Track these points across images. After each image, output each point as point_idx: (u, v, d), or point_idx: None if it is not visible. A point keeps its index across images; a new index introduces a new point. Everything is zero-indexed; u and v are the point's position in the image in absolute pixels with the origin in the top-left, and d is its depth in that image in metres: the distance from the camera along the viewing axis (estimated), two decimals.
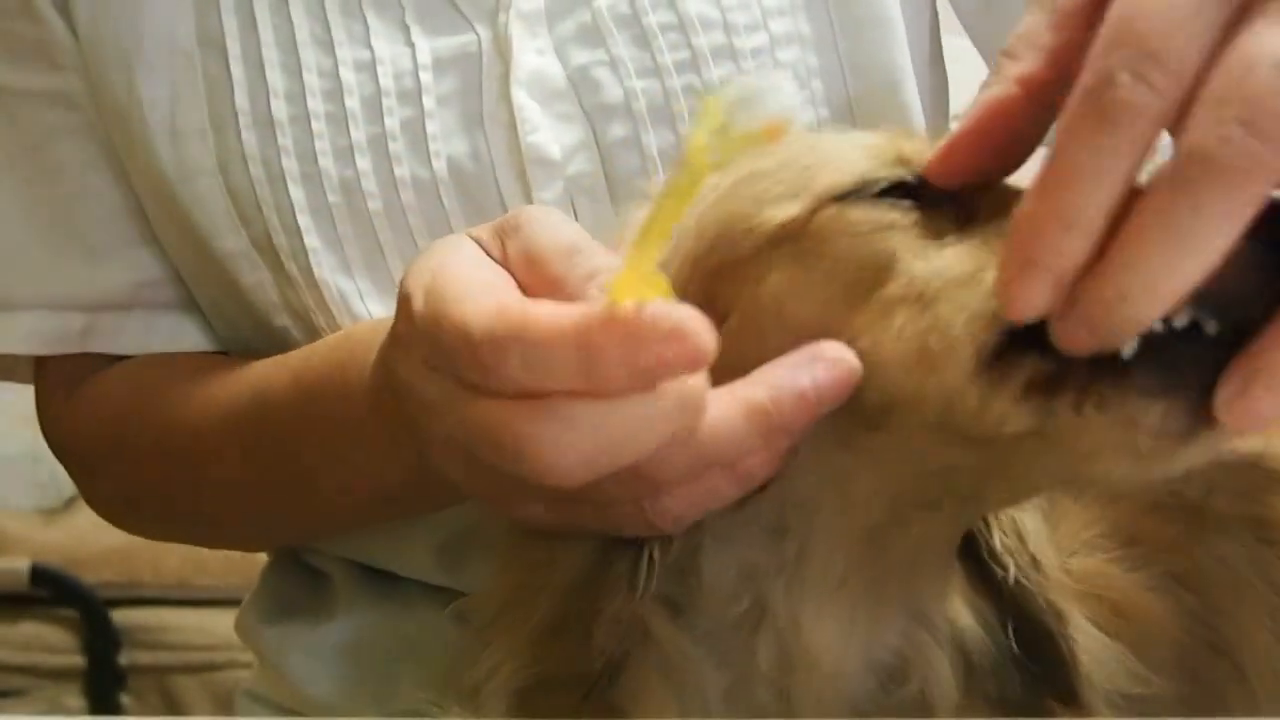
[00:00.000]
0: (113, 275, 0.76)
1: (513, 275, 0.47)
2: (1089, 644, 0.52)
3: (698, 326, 0.38)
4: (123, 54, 0.71)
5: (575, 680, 0.48)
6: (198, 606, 1.91)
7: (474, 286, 0.44)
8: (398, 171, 0.69)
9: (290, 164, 0.69)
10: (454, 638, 0.57)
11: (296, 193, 0.69)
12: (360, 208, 0.69)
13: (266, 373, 0.69)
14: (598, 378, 0.39)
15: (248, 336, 0.75)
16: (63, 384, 0.78)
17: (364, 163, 0.69)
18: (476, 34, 0.70)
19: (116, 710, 1.87)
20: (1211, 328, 0.38)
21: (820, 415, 0.43)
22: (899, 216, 0.47)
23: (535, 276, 0.46)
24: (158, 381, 0.75)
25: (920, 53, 0.77)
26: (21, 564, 1.86)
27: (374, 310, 0.70)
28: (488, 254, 0.48)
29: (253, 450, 0.69)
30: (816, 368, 0.43)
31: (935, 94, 0.81)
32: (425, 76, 0.69)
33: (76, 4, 0.72)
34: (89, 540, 1.94)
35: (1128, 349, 0.38)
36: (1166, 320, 0.38)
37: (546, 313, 0.40)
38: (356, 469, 0.63)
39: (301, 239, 0.69)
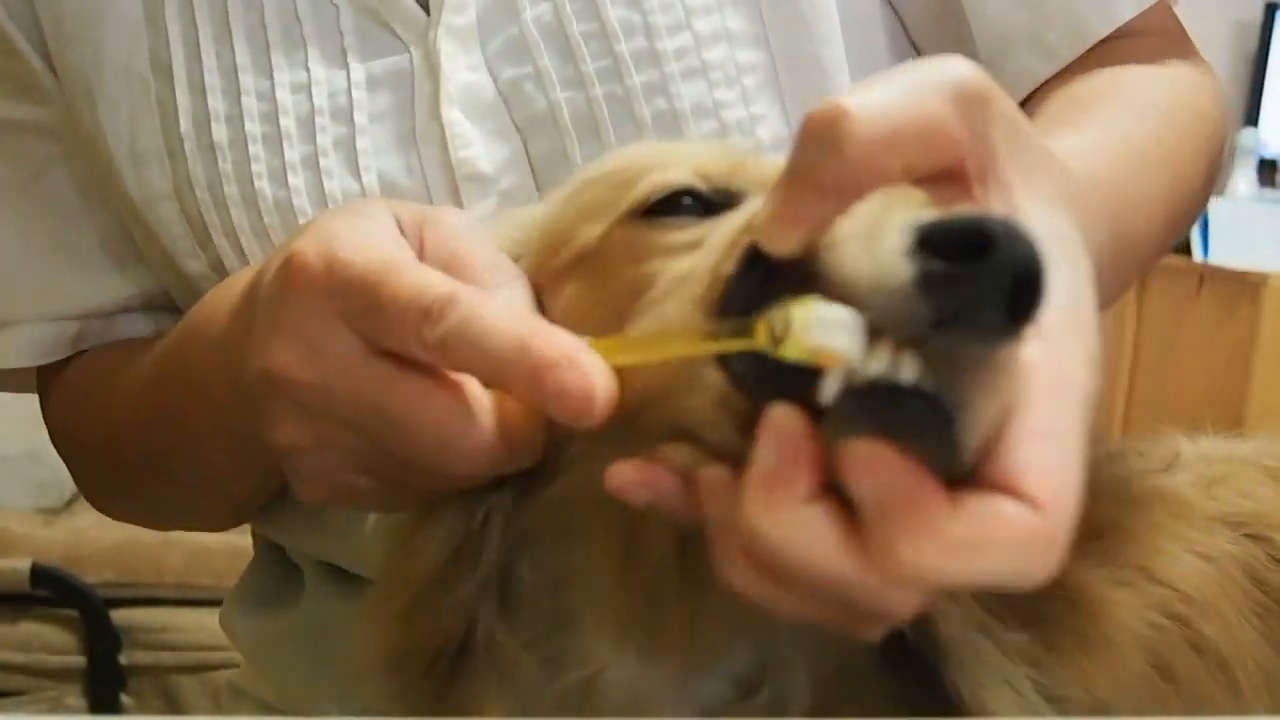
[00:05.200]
0: (109, 290, 0.78)
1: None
2: (968, 643, 0.50)
3: (603, 390, 0.43)
4: (85, 82, 0.72)
5: (425, 657, 0.49)
6: (198, 606, 1.91)
7: (414, 260, 0.48)
8: (328, 186, 0.69)
9: (231, 189, 0.70)
10: None
11: (239, 216, 0.70)
12: (294, 226, 0.69)
13: (164, 339, 0.71)
14: (512, 379, 0.44)
15: None
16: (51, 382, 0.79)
17: (296, 180, 0.69)
18: (410, 53, 0.71)
19: (116, 710, 1.87)
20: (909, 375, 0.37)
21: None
22: (676, 237, 0.47)
23: (453, 275, 0.48)
24: (107, 365, 0.77)
25: (879, 58, 0.77)
26: (22, 564, 1.87)
27: None
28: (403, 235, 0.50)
29: (146, 418, 0.70)
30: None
31: None
32: (358, 94, 0.70)
33: (47, 36, 0.73)
34: (89, 540, 1.95)
35: (828, 395, 0.37)
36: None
37: (500, 305, 0.45)
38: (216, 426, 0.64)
39: (248, 262, 0.70)
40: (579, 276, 0.50)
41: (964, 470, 0.37)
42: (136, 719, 1.84)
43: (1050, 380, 0.38)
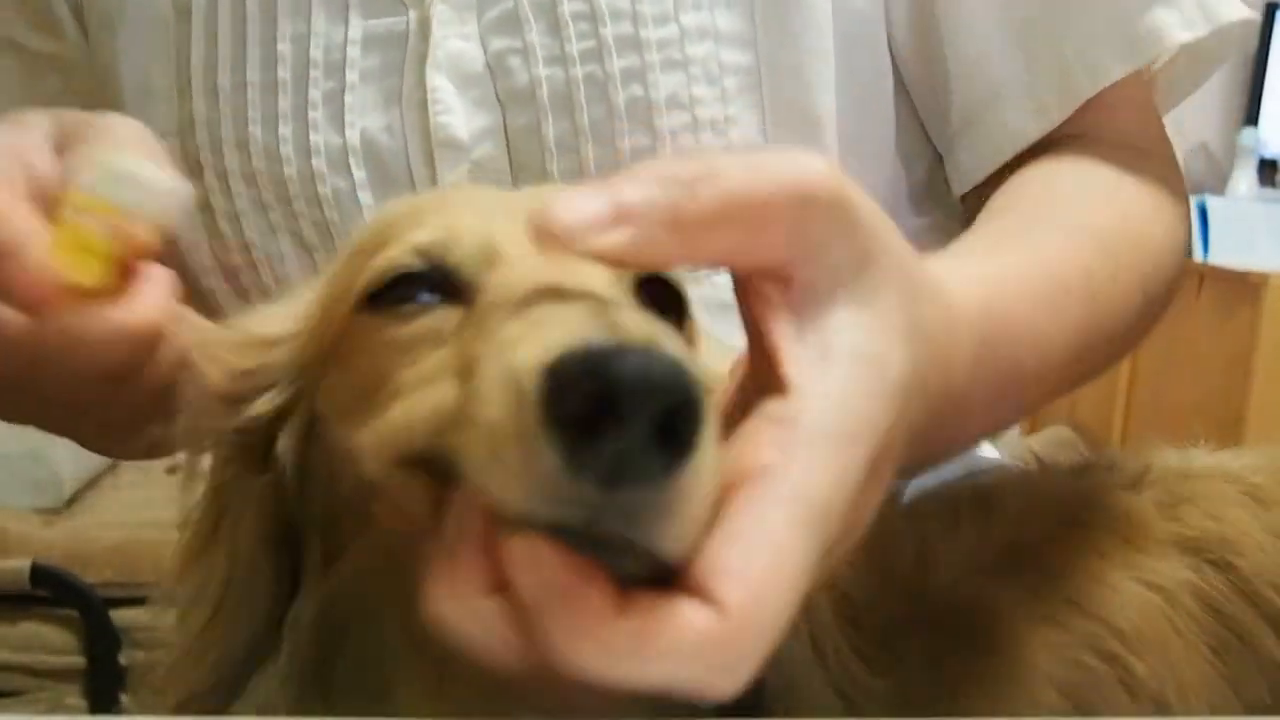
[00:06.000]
0: None
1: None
2: (808, 691, 0.49)
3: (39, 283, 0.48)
4: (108, 18, 0.77)
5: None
6: None
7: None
8: (313, 138, 0.72)
9: (227, 131, 0.74)
10: None
11: (230, 158, 0.74)
12: (279, 174, 0.73)
13: None
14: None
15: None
16: None
17: (285, 129, 0.73)
18: (408, 15, 0.73)
19: (116, 710, 1.88)
20: None
21: None
22: (404, 330, 0.46)
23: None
24: None
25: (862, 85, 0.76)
26: (22, 564, 1.87)
27: (293, 273, 0.75)
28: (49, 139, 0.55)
29: None
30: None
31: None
32: (352, 51, 0.73)
33: None
34: (89, 540, 1.95)
35: None
36: None
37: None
38: None
39: (234, 201, 0.74)
40: (335, 361, 0.49)
41: (668, 570, 0.35)
42: (136, 719, 1.85)
43: (779, 487, 0.37)
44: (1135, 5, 0.72)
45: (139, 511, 1.94)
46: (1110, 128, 0.74)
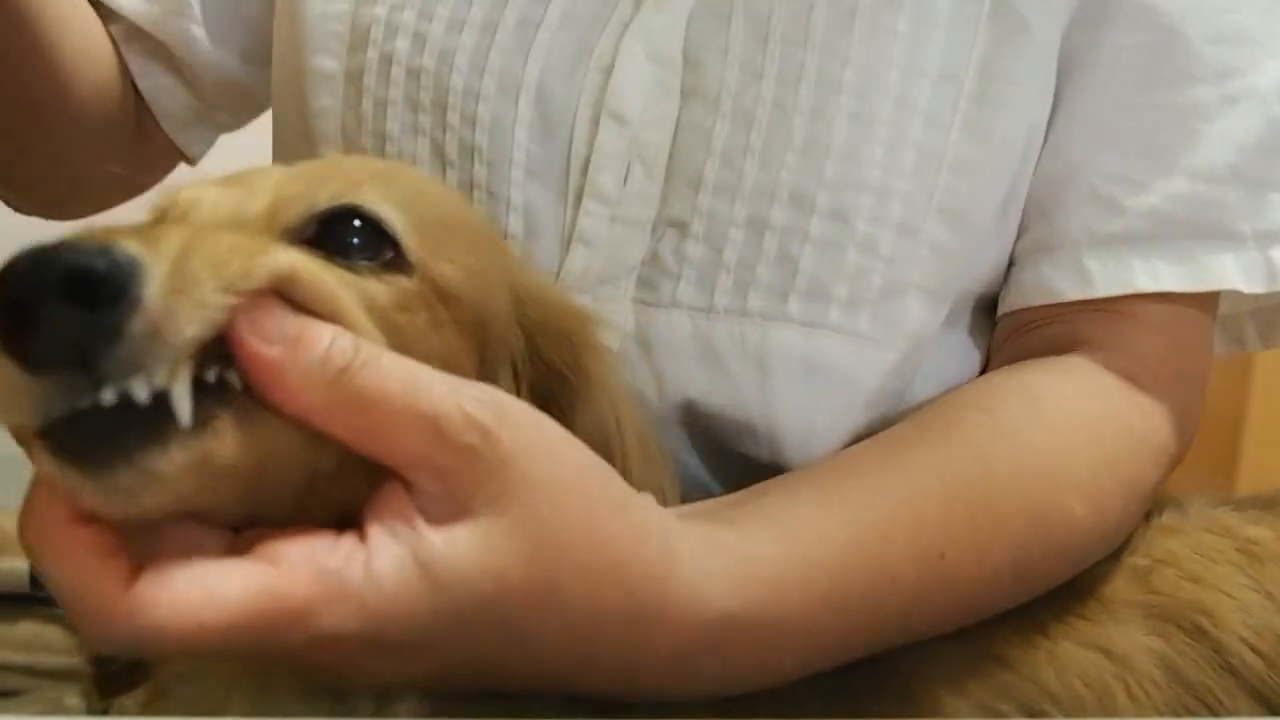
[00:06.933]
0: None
1: None
2: None
3: None
4: None
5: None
6: None
7: None
8: (490, 57, 0.71)
9: (409, 18, 0.74)
10: None
11: (402, 45, 0.73)
12: (444, 79, 0.72)
13: None
14: None
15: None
16: None
17: (468, 38, 0.72)
18: None
19: (116, 711, 1.88)
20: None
21: None
22: None
23: None
24: None
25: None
26: (21, 564, 1.86)
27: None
28: None
29: None
30: None
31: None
32: None
33: None
34: None
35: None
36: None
37: None
38: None
39: (388, 88, 0.73)
40: None
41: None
42: (136, 719, 1.85)
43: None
44: (1208, 238, 0.70)
45: None
46: (1135, 348, 0.71)
